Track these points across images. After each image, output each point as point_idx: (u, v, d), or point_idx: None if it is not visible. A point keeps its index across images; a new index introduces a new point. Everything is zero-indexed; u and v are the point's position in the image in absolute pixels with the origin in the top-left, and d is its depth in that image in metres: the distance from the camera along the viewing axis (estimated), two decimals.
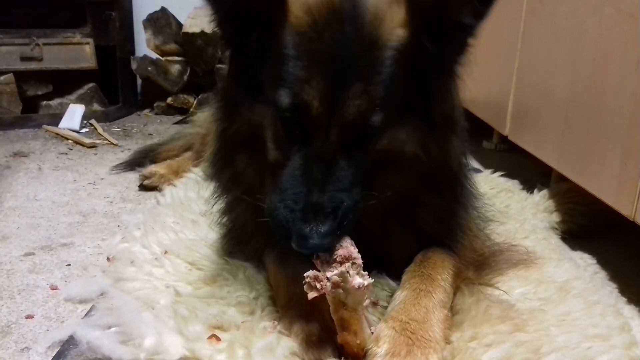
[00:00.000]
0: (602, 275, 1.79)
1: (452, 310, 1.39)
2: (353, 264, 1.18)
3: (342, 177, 1.21)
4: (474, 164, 2.97)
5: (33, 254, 1.96)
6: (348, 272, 1.15)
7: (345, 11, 1.17)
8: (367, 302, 1.26)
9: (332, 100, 1.17)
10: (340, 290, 1.14)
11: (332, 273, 1.15)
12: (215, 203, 1.64)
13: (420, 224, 1.45)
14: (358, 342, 1.21)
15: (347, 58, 1.16)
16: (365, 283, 1.19)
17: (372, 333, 1.24)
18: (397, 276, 1.44)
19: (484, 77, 3.20)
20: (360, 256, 1.21)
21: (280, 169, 1.25)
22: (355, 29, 1.17)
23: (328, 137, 1.19)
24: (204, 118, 2.80)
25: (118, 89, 4.32)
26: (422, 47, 1.22)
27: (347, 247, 1.21)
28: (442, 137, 1.35)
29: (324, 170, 1.20)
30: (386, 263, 1.48)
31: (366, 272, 1.20)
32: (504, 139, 3.10)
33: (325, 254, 1.18)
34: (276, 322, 1.33)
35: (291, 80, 1.19)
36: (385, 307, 1.36)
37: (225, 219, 1.67)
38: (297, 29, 1.20)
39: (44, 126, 3.80)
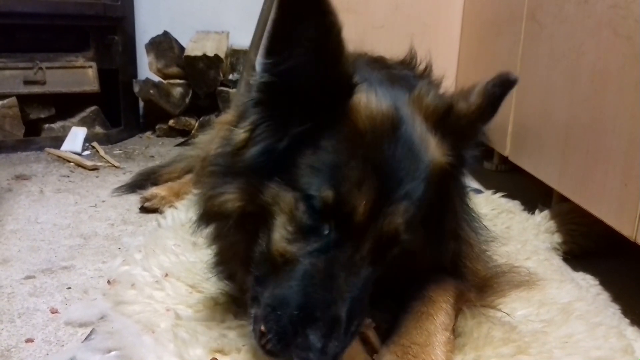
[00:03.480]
0: (604, 296, 1.78)
1: (455, 332, 1.38)
2: None
3: (362, 291, 1.15)
4: (475, 184, 2.98)
5: (34, 277, 1.96)
6: None
7: (399, 129, 1.20)
8: (370, 323, 1.28)
9: (376, 211, 1.14)
10: None
11: None
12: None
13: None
14: None
15: (399, 176, 1.16)
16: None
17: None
18: (398, 298, 1.43)
19: None
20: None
21: (289, 264, 1.16)
22: (409, 149, 1.19)
23: (360, 248, 1.15)
24: (205, 140, 2.81)
25: (120, 111, 4.34)
26: (449, 174, 1.29)
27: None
28: (442, 246, 1.40)
29: (349, 281, 1.13)
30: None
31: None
32: (504, 160, 3.11)
33: None
34: None
35: (339, 177, 1.14)
36: (386, 329, 1.35)
37: (214, 247, 1.57)
38: (357, 129, 1.18)
39: (46, 149, 3.81)
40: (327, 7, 1.09)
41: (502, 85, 1.30)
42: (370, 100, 1.21)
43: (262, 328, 1.15)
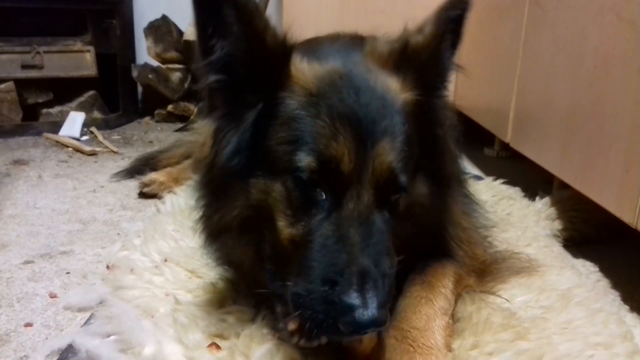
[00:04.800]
0: (604, 283, 1.78)
1: (454, 317, 1.38)
2: None
3: (381, 239, 1.13)
4: (476, 171, 2.97)
5: (32, 262, 1.96)
6: None
7: (354, 79, 1.20)
8: None
9: (362, 157, 1.12)
10: None
11: None
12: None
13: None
14: (362, 348, 1.20)
15: (369, 117, 1.15)
16: None
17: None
18: (397, 283, 1.42)
19: (486, 85, 3.20)
20: None
21: (302, 246, 1.14)
22: (370, 95, 1.18)
23: (361, 197, 1.12)
24: (204, 126, 2.79)
25: (118, 96, 4.32)
26: (422, 106, 1.27)
27: None
28: (446, 189, 1.38)
29: (362, 232, 1.10)
30: None
31: None
32: (505, 146, 3.10)
33: None
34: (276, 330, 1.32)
35: (313, 139, 1.13)
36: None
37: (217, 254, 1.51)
38: (311, 91, 1.18)
39: (44, 134, 3.80)
40: None
41: (456, 7, 1.27)
42: (312, 64, 1.24)
43: (291, 326, 1.16)
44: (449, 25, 1.25)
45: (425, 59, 1.26)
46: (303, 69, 1.22)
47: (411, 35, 1.27)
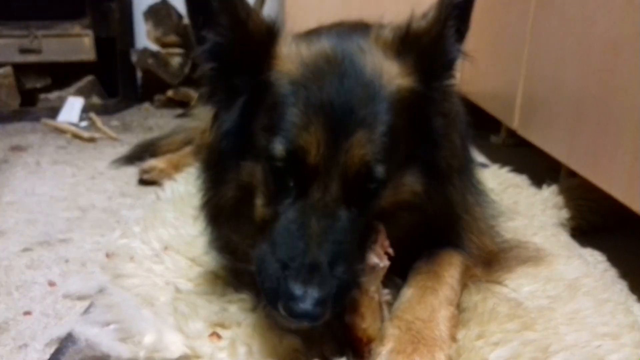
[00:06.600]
0: (612, 272, 1.75)
1: (459, 307, 1.36)
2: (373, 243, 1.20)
3: (344, 233, 1.14)
4: (482, 158, 2.94)
5: (31, 249, 1.94)
6: None
7: (342, 63, 1.19)
8: (387, 294, 1.27)
9: (333, 148, 1.12)
10: None
11: None
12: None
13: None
14: (364, 326, 1.19)
15: (349, 107, 1.14)
16: (381, 265, 1.20)
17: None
18: (403, 273, 1.40)
19: (492, 70, 3.16)
20: (384, 238, 1.23)
21: (269, 225, 1.18)
22: (356, 80, 1.17)
23: (328, 189, 1.13)
24: (205, 112, 2.76)
25: (118, 81, 4.28)
26: (420, 95, 1.25)
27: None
28: (446, 182, 1.35)
29: (324, 224, 1.12)
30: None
31: (385, 255, 1.21)
32: (512, 133, 3.06)
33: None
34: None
35: (287, 127, 1.14)
36: (391, 304, 1.33)
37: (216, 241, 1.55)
38: (293, 78, 1.19)
39: (43, 119, 3.77)
40: None
41: None
42: (300, 48, 1.24)
43: None
44: (453, 11, 1.23)
45: (425, 44, 1.24)
46: (290, 54, 1.23)
47: (415, 20, 1.26)
